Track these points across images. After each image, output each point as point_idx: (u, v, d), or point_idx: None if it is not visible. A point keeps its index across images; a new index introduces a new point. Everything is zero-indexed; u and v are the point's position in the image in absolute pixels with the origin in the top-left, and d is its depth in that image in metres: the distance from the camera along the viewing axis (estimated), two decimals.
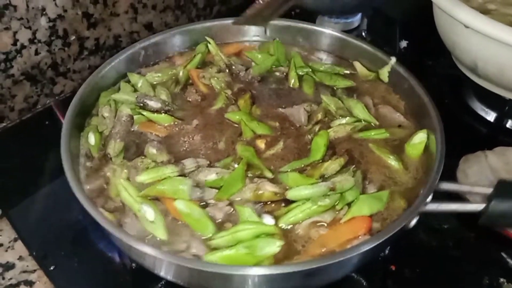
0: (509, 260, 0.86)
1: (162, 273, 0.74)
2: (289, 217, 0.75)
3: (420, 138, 0.86)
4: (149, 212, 0.74)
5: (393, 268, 0.84)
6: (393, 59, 0.99)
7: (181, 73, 1.00)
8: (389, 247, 0.84)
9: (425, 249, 0.88)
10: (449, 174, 0.96)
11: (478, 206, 0.75)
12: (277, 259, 0.71)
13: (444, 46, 1.12)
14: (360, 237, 0.73)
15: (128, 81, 0.98)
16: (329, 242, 0.73)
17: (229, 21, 1.06)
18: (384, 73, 0.99)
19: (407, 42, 1.34)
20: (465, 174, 0.95)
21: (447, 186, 0.79)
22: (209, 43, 1.05)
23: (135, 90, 0.96)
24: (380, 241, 0.69)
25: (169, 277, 0.74)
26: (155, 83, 0.99)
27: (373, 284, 0.83)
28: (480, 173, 0.95)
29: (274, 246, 0.70)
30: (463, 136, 1.08)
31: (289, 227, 0.75)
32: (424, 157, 0.86)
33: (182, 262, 0.68)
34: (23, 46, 1.06)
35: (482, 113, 1.14)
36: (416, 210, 0.74)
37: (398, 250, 0.85)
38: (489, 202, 0.74)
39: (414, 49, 1.33)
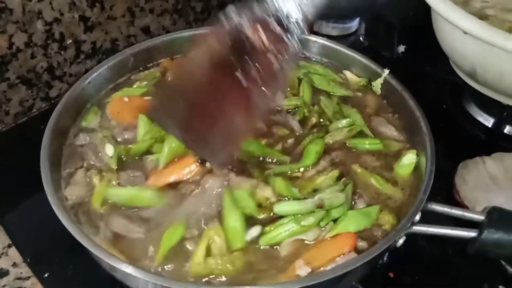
0: (508, 267, 0.85)
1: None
2: (271, 236, 0.73)
3: (409, 159, 0.85)
4: (108, 148, 0.83)
5: (391, 275, 0.84)
6: (386, 71, 0.97)
7: None
8: (387, 254, 0.84)
9: (424, 255, 0.88)
10: (447, 180, 0.96)
11: (469, 233, 0.73)
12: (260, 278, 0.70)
13: (442, 52, 1.12)
14: (344, 254, 0.71)
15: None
16: (313, 260, 0.71)
17: None
18: (377, 85, 0.98)
19: (405, 47, 1.34)
20: (463, 180, 0.95)
21: (437, 207, 0.76)
22: None
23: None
24: (363, 262, 0.67)
25: None
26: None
27: None
28: (478, 179, 0.95)
29: None
30: (461, 142, 1.08)
31: (267, 247, 0.73)
32: (414, 175, 0.84)
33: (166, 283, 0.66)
34: (18, 50, 1.05)
35: (480, 119, 1.14)
36: (401, 231, 0.72)
37: (396, 257, 0.84)
38: (481, 230, 0.71)
39: (413, 54, 1.32)
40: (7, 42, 1.02)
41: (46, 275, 0.84)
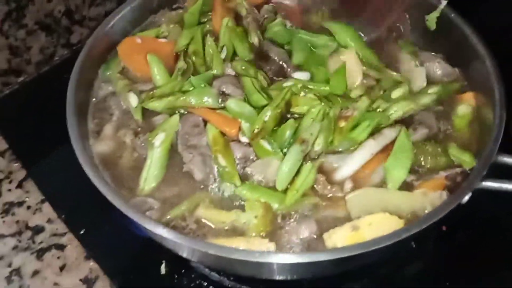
0: None
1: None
2: None
3: (463, 110, 0.78)
4: (133, 99, 0.78)
5: (444, 228, 0.78)
6: (444, 3, 0.85)
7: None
8: None
9: (482, 211, 0.80)
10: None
11: None
12: None
13: None
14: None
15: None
16: None
17: None
18: (432, 20, 0.87)
19: None
20: None
21: (510, 160, 0.68)
22: None
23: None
24: (419, 228, 0.63)
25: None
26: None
27: (424, 246, 0.77)
28: None
29: None
30: None
31: None
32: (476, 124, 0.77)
33: (201, 246, 0.63)
34: None
35: None
36: (468, 187, 0.65)
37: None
38: None
39: None
40: None
41: (82, 232, 0.82)
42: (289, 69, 0.83)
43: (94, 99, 0.83)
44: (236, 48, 0.86)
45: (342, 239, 0.65)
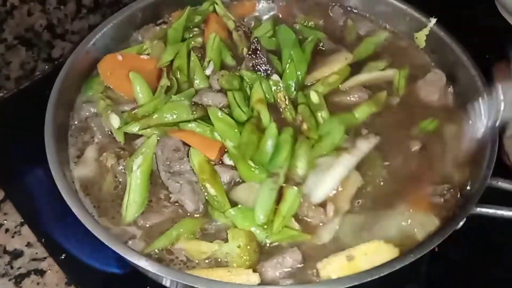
0: None
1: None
2: None
3: None
4: (115, 120, 0.75)
5: (435, 249, 0.77)
6: (433, 21, 0.85)
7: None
8: None
9: (474, 233, 0.79)
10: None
11: None
12: None
13: None
14: None
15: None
16: None
17: None
18: (421, 37, 0.87)
19: None
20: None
21: (504, 185, 0.67)
22: (216, 3, 0.93)
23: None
24: (415, 258, 0.62)
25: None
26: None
27: (417, 268, 0.76)
28: None
29: None
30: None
31: None
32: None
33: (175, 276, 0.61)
34: (13, 7, 0.94)
35: None
36: (464, 213, 0.64)
37: None
38: None
39: None
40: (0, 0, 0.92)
41: (63, 257, 0.79)
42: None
43: (75, 121, 0.80)
44: (224, 58, 0.86)
45: (337, 270, 0.63)
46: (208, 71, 0.84)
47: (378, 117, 0.80)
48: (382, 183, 0.73)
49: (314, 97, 0.79)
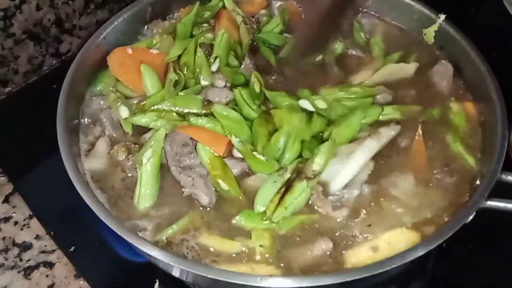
0: None
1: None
2: None
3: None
4: (124, 111, 0.76)
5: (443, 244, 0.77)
6: (442, 17, 0.85)
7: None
8: None
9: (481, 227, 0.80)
10: None
11: None
12: None
13: None
14: None
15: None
16: None
17: None
18: (430, 34, 0.87)
19: None
20: None
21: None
22: None
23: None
24: (429, 248, 0.63)
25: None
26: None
27: (422, 262, 0.76)
28: None
29: None
30: None
31: None
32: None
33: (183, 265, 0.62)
34: (22, 1, 0.94)
35: None
36: (473, 208, 0.64)
37: None
38: None
39: None
40: None
41: (72, 249, 0.79)
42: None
43: (85, 114, 0.81)
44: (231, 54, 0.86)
45: (362, 261, 0.64)
46: (214, 68, 0.84)
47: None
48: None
49: (321, 104, 0.78)
